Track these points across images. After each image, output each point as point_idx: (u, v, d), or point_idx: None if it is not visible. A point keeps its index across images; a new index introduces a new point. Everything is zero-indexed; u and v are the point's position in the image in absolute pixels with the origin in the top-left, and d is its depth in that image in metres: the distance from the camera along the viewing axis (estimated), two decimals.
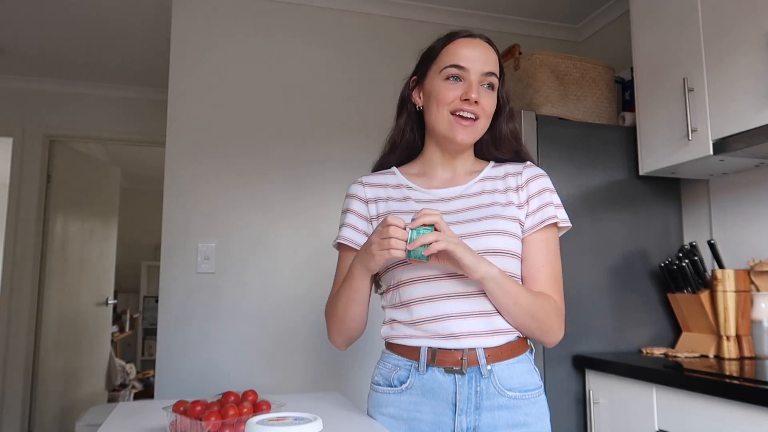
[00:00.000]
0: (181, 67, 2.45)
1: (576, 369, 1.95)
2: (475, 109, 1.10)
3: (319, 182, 2.54)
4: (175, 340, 2.30)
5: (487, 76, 1.12)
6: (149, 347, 6.07)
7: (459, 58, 1.12)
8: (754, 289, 1.86)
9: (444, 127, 1.12)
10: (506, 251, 1.07)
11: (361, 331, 1.17)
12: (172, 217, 2.37)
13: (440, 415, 1.06)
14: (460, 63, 1.11)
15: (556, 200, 1.15)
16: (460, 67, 1.11)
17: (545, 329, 1.09)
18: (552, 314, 1.09)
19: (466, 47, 1.13)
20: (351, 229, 1.18)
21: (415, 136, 1.23)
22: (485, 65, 1.12)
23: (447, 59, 1.13)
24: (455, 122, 1.11)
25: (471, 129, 1.11)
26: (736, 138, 1.70)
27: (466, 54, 1.12)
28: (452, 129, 1.11)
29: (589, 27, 2.92)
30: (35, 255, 3.59)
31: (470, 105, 1.10)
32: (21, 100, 3.67)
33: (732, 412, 1.39)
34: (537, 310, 1.06)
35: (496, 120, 1.19)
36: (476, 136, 1.14)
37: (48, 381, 3.70)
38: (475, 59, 1.11)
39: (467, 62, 1.11)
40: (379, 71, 2.65)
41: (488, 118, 1.14)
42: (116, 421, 1.08)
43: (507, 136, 1.20)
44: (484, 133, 1.16)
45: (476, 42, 1.14)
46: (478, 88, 1.11)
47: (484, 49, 1.14)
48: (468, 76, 1.11)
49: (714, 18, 1.78)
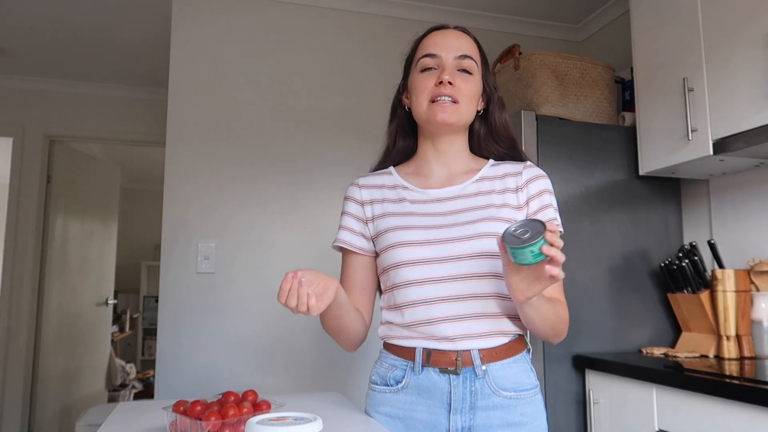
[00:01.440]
0: (181, 67, 2.45)
1: (576, 369, 1.95)
2: (452, 92, 1.10)
3: (319, 182, 2.54)
4: (175, 340, 2.31)
5: (461, 60, 1.12)
6: (149, 347, 6.07)
7: (430, 47, 1.14)
8: (754, 289, 1.86)
9: (424, 112, 1.13)
10: None
11: (363, 333, 1.17)
12: (172, 217, 2.37)
13: (435, 415, 1.06)
14: (431, 51, 1.13)
15: (555, 203, 1.15)
16: (432, 55, 1.13)
17: (559, 335, 1.10)
18: (566, 320, 1.10)
19: (437, 36, 1.15)
20: (348, 231, 1.19)
21: (408, 142, 1.24)
22: (458, 50, 1.13)
23: (420, 52, 1.16)
24: (434, 105, 1.11)
25: (451, 109, 1.10)
26: (736, 138, 1.70)
27: (436, 42, 1.14)
28: (431, 110, 1.11)
29: (589, 27, 2.92)
30: (35, 255, 3.59)
31: (444, 88, 1.10)
32: (21, 100, 3.67)
33: (732, 412, 1.39)
34: (557, 321, 1.07)
35: (488, 109, 1.19)
36: (458, 117, 1.12)
37: (48, 381, 3.70)
38: (445, 45, 1.13)
39: (437, 49, 1.13)
40: (380, 72, 2.66)
41: (469, 101, 1.13)
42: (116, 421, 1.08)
43: (502, 125, 1.20)
44: (467, 117, 1.14)
45: (448, 31, 1.16)
46: (453, 71, 1.11)
47: (456, 35, 1.15)
48: (441, 62, 1.12)
49: (714, 18, 1.78)
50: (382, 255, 1.12)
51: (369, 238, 1.18)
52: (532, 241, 0.85)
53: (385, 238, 1.12)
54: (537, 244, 0.85)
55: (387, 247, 1.11)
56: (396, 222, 1.12)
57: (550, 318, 1.05)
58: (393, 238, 1.10)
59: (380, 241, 1.14)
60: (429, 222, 1.10)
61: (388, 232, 1.12)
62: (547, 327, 1.06)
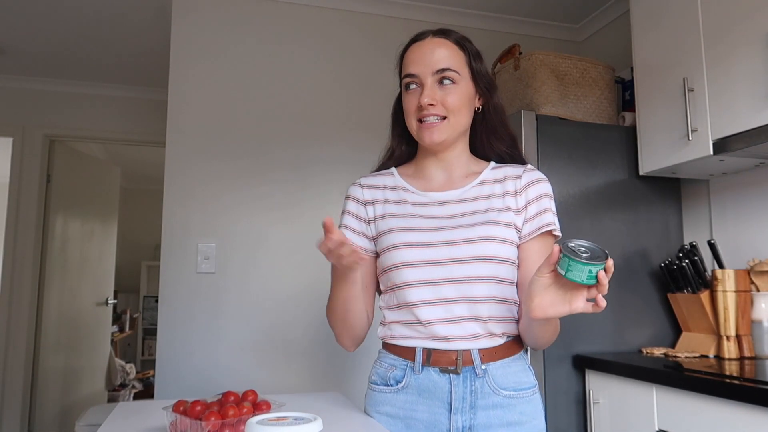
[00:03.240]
0: (181, 67, 2.45)
1: (576, 369, 1.95)
2: (437, 111, 1.10)
3: (320, 182, 2.54)
4: (175, 340, 2.31)
5: (440, 73, 1.11)
6: (149, 347, 6.07)
7: (409, 66, 1.13)
8: (754, 289, 1.86)
9: (415, 133, 1.14)
10: (500, 258, 1.07)
11: (365, 329, 1.17)
12: (172, 217, 2.37)
13: (436, 414, 1.07)
14: (410, 71, 1.12)
15: (554, 207, 1.14)
16: (411, 75, 1.12)
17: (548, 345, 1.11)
18: (557, 328, 1.10)
19: (414, 52, 1.14)
20: (348, 230, 1.19)
21: (411, 148, 1.24)
22: (435, 64, 1.10)
23: (403, 71, 1.15)
24: (422, 127, 1.12)
25: (437, 129, 1.10)
26: (736, 138, 1.70)
27: (414, 59, 1.12)
28: (420, 132, 1.12)
29: (589, 27, 2.92)
30: (35, 255, 3.59)
31: (426, 110, 1.10)
32: (21, 100, 3.67)
33: (732, 412, 1.39)
34: (554, 334, 1.08)
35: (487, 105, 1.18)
36: (446, 134, 1.11)
37: (48, 381, 3.70)
38: (422, 60, 1.11)
39: (415, 67, 1.12)
40: (380, 72, 2.66)
41: (458, 112, 1.12)
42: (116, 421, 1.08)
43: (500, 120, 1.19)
44: (458, 128, 1.13)
45: (425, 43, 1.13)
46: (433, 89, 1.10)
47: (432, 46, 1.12)
48: (420, 81, 1.11)
49: (714, 18, 1.78)
50: (383, 255, 1.12)
51: (370, 237, 1.18)
52: (594, 261, 0.84)
53: (386, 239, 1.12)
54: (598, 266, 0.84)
55: (388, 247, 1.11)
56: (397, 223, 1.12)
57: (549, 333, 1.06)
58: (394, 239, 1.11)
59: (381, 242, 1.14)
60: (430, 224, 1.11)
61: (389, 233, 1.12)
62: (544, 341, 1.08)
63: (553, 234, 1.13)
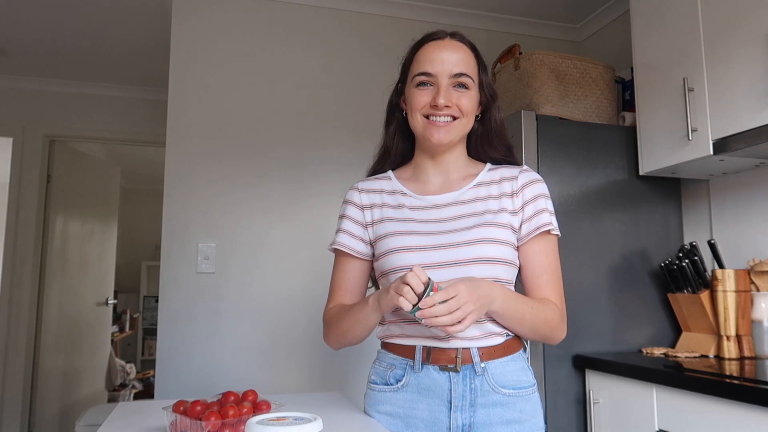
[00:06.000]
0: (181, 67, 2.45)
1: (576, 369, 1.95)
2: (449, 112, 1.10)
3: (320, 182, 2.54)
4: (175, 340, 2.31)
5: (457, 77, 1.11)
6: (149, 347, 6.07)
7: (426, 64, 1.12)
8: (754, 289, 1.86)
9: (420, 130, 1.14)
10: (498, 259, 1.08)
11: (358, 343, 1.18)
12: (172, 217, 2.37)
13: (436, 413, 1.07)
14: (427, 69, 1.12)
15: (551, 207, 1.15)
16: (427, 74, 1.12)
17: (549, 336, 1.11)
18: (555, 321, 1.10)
19: (433, 51, 1.13)
20: (347, 235, 1.19)
21: (407, 144, 1.24)
22: (454, 67, 1.11)
23: (416, 67, 1.14)
24: (429, 124, 1.11)
25: (446, 129, 1.11)
26: (736, 138, 1.70)
27: (432, 59, 1.12)
28: (427, 130, 1.12)
29: (589, 27, 2.92)
30: (35, 255, 3.59)
31: (440, 110, 1.10)
32: (21, 100, 3.67)
33: (732, 412, 1.39)
34: (540, 323, 1.08)
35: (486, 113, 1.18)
36: (454, 135, 1.13)
37: (48, 381, 3.70)
38: (441, 61, 1.11)
39: (434, 67, 1.11)
40: (379, 72, 2.65)
41: (468, 117, 1.13)
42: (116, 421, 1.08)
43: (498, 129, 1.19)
44: (464, 131, 1.15)
45: (444, 44, 1.13)
46: (448, 90, 1.10)
47: (453, 49, 1.13)
48: (436, 81, 1.11)
49: (714, 18, 1.78)
50: (382, 259, 1.13)
51: (368, 242, 1.18)
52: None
53: (385, 243, 1.13)
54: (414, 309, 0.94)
55: (386, 251, 1.11)
56: (395, 227, 1.13)
57: (527, 320, 1.06)
58: (392, 243, 1.11)
59: (379, 246, 1.14)
60: (427, 228, 1.11)
61: (387, 237, 1.13)
62: (525, 330, 1.08)
63: (552, 233, 1.14)
